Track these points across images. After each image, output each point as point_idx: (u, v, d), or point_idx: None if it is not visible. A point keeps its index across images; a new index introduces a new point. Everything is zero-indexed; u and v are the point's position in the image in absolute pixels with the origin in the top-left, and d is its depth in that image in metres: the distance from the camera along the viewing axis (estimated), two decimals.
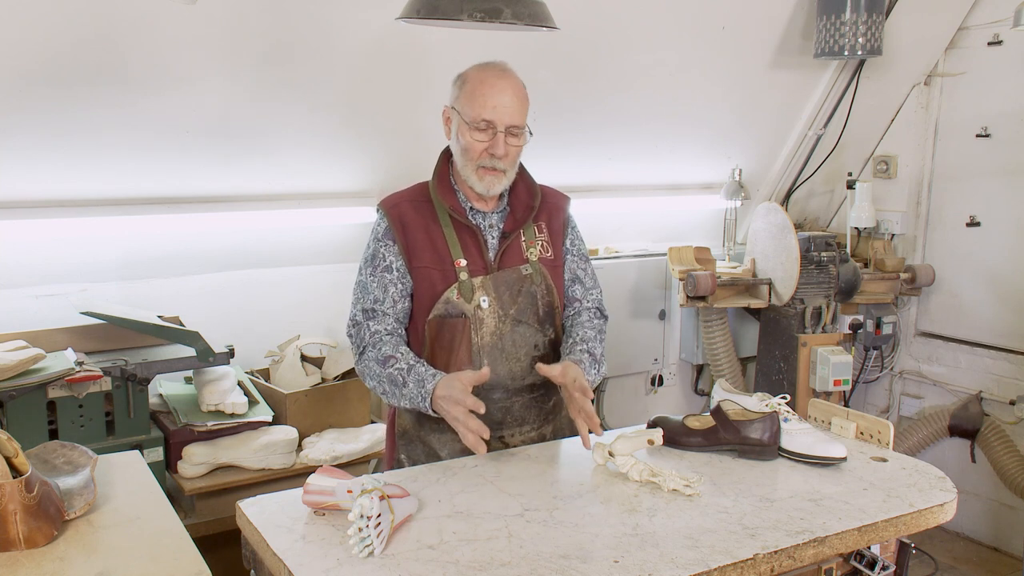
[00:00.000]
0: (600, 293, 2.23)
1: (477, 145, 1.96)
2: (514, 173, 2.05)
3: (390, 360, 1.96)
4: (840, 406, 2.16)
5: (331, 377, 2.95)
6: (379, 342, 2.00)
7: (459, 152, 2.01)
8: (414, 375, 1.91)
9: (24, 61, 2.38)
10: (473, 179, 2.00)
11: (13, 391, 2.29)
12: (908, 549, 1.79)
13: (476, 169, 1.99)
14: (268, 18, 2.59)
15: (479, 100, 1.95)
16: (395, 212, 2.06)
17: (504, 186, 2.04)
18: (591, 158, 3.57)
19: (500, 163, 1.98)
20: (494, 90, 1.95)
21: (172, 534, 1.53)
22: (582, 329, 2.10)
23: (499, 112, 1.94)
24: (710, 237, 4.00)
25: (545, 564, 1.45)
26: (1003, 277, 3.64)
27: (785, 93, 3.80)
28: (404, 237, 2.03)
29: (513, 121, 1.96)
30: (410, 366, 1.93)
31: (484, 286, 2.01)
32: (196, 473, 2.58)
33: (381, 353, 1.98)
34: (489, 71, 1.98)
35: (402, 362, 1.94)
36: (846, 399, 3.85)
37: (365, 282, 2.06)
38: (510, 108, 1.95)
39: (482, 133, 1.96)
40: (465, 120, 1.97)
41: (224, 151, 2.83)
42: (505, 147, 1.96)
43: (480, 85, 1.96)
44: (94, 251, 2.79)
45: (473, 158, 1.98)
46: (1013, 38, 3.48)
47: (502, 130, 1.95)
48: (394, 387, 1.94)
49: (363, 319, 2.04)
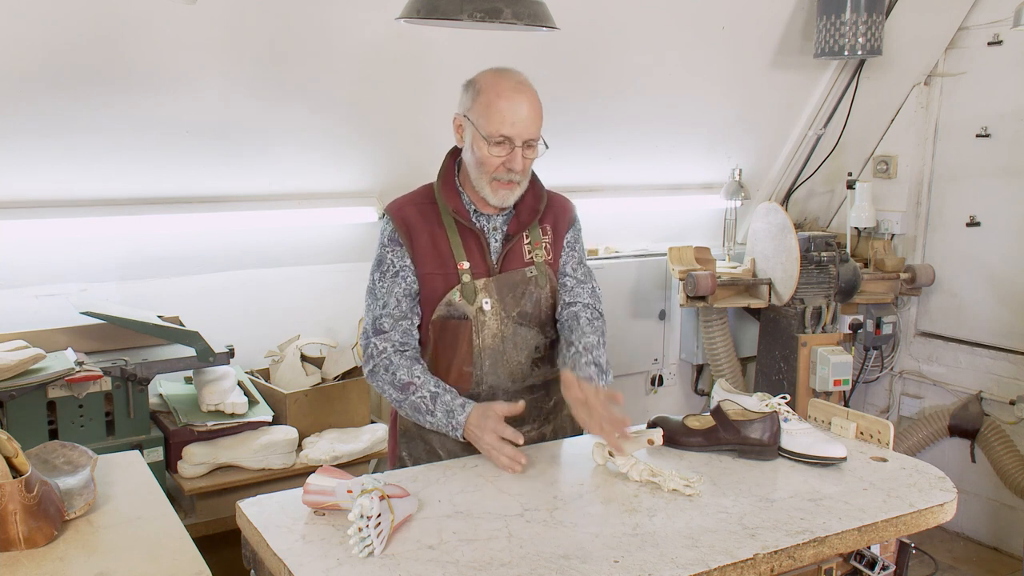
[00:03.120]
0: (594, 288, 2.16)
1: (494, 160, 1.94)
2: (527, 183, 2.03)
3: (409, 387, 1.96)
4: (840, 406, 2.16)
5: (331, 377, 2.95)
6: (389, 364, 1.99)
7: (473, 163, 1.98)
8: (441, 405, 1.93)
9: (24, 61, 2.38)
10: (487, 191, 1.98)
11: (13, 391, 2.29)
12: (908, 549, 1.79)
13: (491, 182, 1.96)
14: (268, 18, 2.59)
15: (496, 115, 1.91)
16: (400, 216, 2.04)
17: (517, 197, 2.02)
18: (591, 158, 3.57)
19: (516, 176, 1.96)
20: (512, 104, 1.91)
21: (172, 534, 1.53)
22: (584, 336, 2.04)
23: (518, 128, 1.91)
24: (710, 237, 4.00)
25: (545, 564, 1.45)
26: (1003, 277, 3.64)
27: (785, 93, 3.80)
28: (410, 241, 2.02)
29: (531, 135, 1.94)
30: (433, 394, 1.94)
31: (487, 288, 2.01)
32: (196, 473, 2.58)
33: (397, 380, 1.97)
34: (505, 82, 1.94)
35: (423, 389, 1.95)
36: (846, 399, 3.85)
37: (374, 288, 2.05)
38: (528, 122, 1.93)
39: (499, 148, 1.93)
40: (481, 134, 1.93)
41: (224, 151, 2.83)
42: (522, 161, 1.95)
43: (497, 99, 1.92)
44: (94, 251, 2.79)
45: (489, 171, 1.95)
46: (1013, 38, 3.48)
47: (520, 144, 1.93)
48: (417, 413, 1.96)
49: (372, 332, 2.03)
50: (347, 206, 3.11)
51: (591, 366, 1.98)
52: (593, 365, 1.99)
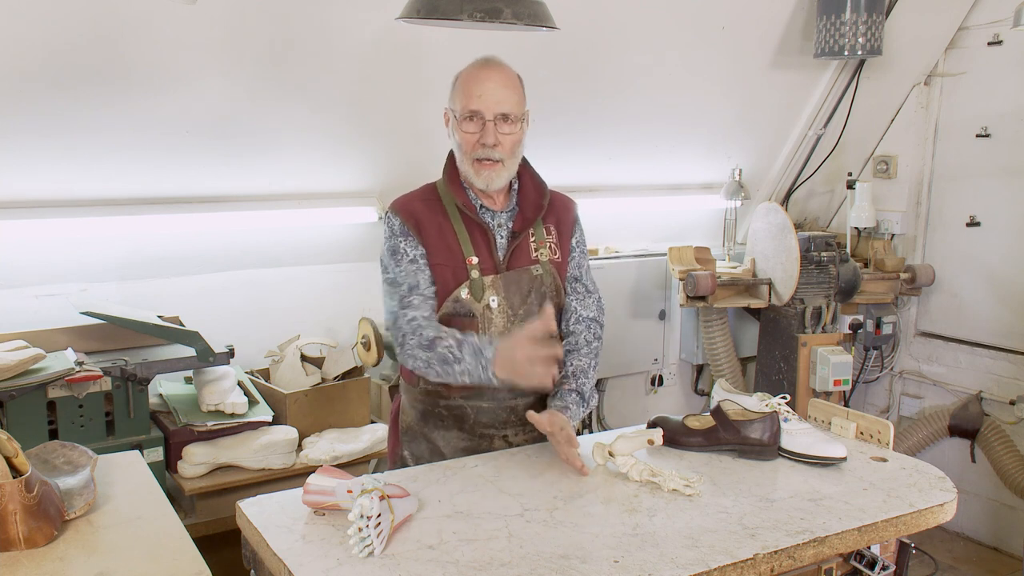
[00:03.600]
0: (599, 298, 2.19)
1: (468, 137, 1.96)
2: (514, 165, 2.02)
3: (436, 341, 1.91)
4: (840, 406, 2.16)
5: (331, 377, 2.95)
6: (418, 327, 1.95)
7: (456, 149, 2.01)
8: (468, 348, 1.87)
9: (24, 61, 2.38)
10: (471, 173, 1.99)
11: (13, 391, 2.29)
12: (908, 549, 1.79)
13: (472, 163, 1.97)
14: (268, 18, 2.59)
15: (465, 92, 1.96)
16: (407, 210, 2.03)
17: (504, 179, 2.01)
18: (591, 158, 3.57)
19: (495, 152, 1.95)
20: (477, 80, 1.95)
21: (172, 534, 1.53)
22: (577, 358, 2.06)
23: (485, 100, 1.93)
24: (710, 237, 4.00)
25: (545, 564, 1.45)
26: (1003, 277, 3.64)
27: (785, 93, 3.80)
28: (419, 234, 2.01)
29: (501, 108, 1.94)
30: (459, 340, 1.89)
31: (494, 285, 2.00)
32: (196, 473, 2.58)
33: (424, 338, 1.92)
34: (476, 64, 2.00)
35: (449, 338, 1.90)
36: (846, 399, 3.85)
37: (393, 277, 2.02)
38: (496, 96, 1.94)
39: (471, 123, 1.95)
40: (456, 114, 1.98)
41: (224, 151, 2.83)
42: (496, 136, 1.94)
43: (467, 79, 1.97)
44: (94, 251, 2.79)
45: (468, 152, 1.97)
46: (1013, 38, 3.48)
47: (491, 119, 1.94)
48: (446, 365, 1.90)
49: (399, 309, 1.99)
50: (347, 206, 3.11)
51: (572, 394, 2.00)
52: (575, 393, 2.00)
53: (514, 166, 2.02)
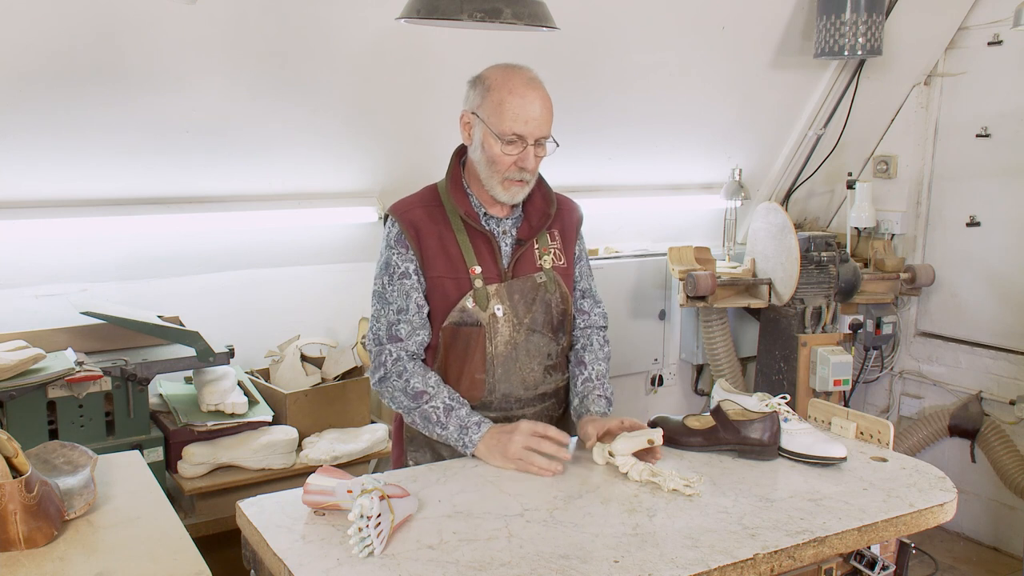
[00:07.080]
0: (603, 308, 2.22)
1: (506, 159, 1.92)
2: (535, 180, 2.02)
3: (423, 396, 1.93)
4: (840, 406, 2.16)
5: (331, 377, 2.95)
6: (403, 371, 1.96)
7: (484, 162, 1.95)
8: (455, 420, 1.90)
9: (24, 61, 2.38)
10: (498, 190, 1.96)
11: (13, 391, 2.29)
12: (908, 549, 1.79)
13: (502, 180, 1.95)
14: (268, 18, 2.59)
15: (509, 113, 1.89)
16: (407, 218, 2.00)
17: (526, 194, 2.01)
18: (591, 158, 3.57)
19: (527, 175, 1.95)
20: (525, 102, 1.89)
21: (172, 534, 1.53)
22: (597, 363, 2.10)
23: (531, 126, 1.90)
24: (710, 237, 4.00)
25: (545, 564, 1.45)
26: (1003, 277, 3.64)
27: (785, 93, 3.80)
28: (418, 244, 1.98)
29: (543, 133, 1.93)
30: (447, 406, 1.91)
31: (499, 294, 1.99)
32: (196, 473, 2.58)
33: (411, 387, 1.94)
34: (516, 78, 1.92)
35: (437, 400, 1.92)
36: (846, 399, 3.85)
37: (383, 292, 2.01)
38: (541, 121, 1.91)
39: (512, 147, 1.91)
40: (493, 132, 1.90)
41: (224, 151, 2.83)
42: (534, 160, 1.94)
43: (509, 96, 1.89)
44: (94, 251, 2.79)
45: (501, 170, 1.93)
46: (1013, 38, 3.48)
47: (532, 143, 1.92)
48: (428, 423, 1.93)
49: (385, 338, 1.99)
50: (347, 206, 3.10)
51: (601, 399, 2.03)
52: (604, 399, 2.04)
53: (535, 181, 2.03)
